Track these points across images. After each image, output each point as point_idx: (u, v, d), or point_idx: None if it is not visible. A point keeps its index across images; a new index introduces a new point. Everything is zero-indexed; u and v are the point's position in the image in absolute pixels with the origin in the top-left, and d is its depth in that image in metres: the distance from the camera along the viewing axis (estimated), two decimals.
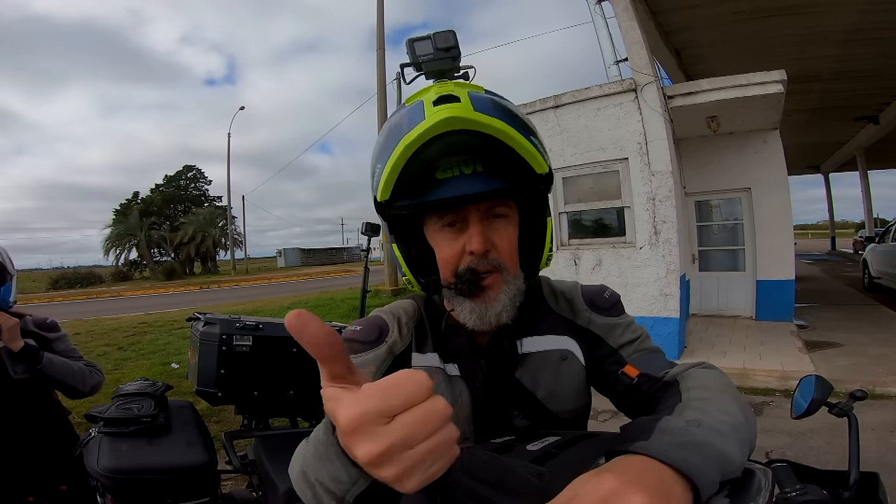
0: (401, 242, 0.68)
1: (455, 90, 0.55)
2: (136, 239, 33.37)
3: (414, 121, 0.54)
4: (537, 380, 0.67)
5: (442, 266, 0.65)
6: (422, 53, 0.63)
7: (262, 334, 1.62)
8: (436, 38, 0.63)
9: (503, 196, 0.62)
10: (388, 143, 0.57)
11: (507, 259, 0.63)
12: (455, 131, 0.53)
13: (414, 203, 0.60)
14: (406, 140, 0.54)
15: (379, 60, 10.41)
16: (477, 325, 0.63)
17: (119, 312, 10.81)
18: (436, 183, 0.59)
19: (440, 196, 0.59)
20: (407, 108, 0.58)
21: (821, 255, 19.11)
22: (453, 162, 0.59)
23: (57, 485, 1.50)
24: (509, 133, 0.54)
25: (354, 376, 0.36)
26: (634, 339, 0.70)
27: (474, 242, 0.60)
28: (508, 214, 0.64)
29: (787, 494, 0.51)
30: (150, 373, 4.65)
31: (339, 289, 13.79)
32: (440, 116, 0.52)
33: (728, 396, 0.52)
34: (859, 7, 5.54)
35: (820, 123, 10.47)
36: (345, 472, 0.41)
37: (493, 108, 0.55)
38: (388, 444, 0.31)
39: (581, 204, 5.24)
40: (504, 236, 0.63)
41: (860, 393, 0.73)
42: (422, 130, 0.53)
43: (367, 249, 2.92)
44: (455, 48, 0.63)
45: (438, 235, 0.64)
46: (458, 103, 0.53)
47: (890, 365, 4.05)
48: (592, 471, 0.37)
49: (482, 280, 0.62)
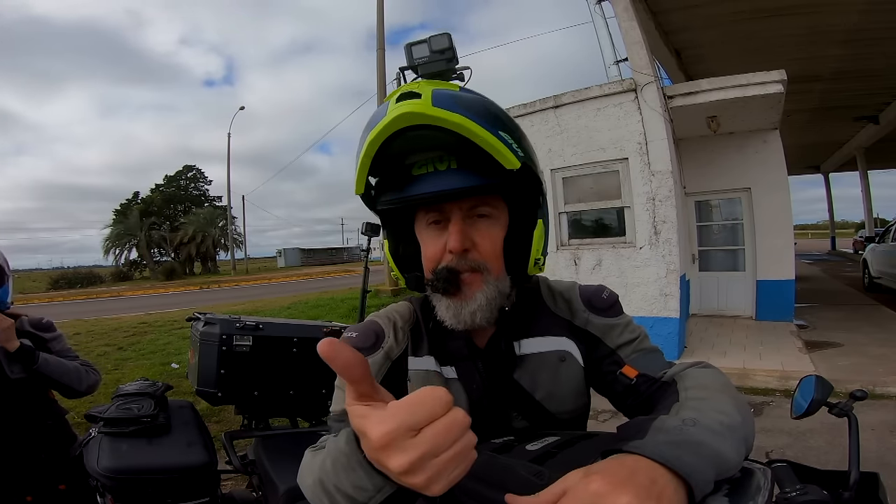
0: (392, 238, 0.70)
1: (419, 88, 0.56)
2: (136, 239, 33.37)
3: (378, 117, 0.56)
4: (536, 381, 0.67)
5: (425, 263, 0.66)
6: (418, 57, 0.64)
7: (262, 334, 1.62)
8: (431, 42, 0.64)
9: (484, 193, 0.62)
10: (361, 139, 0.59)
11: (488, 259, 0.63)
12: (420, 127, 0.54)
13: (395, 199, 0.62)
14: (370, 136, 0.56)
15: (379, 60, 10.41)
16: (454, 324, 0.64)
17: (119, 312, 10.81)
18: (412, 179, 0.61)
19: (417, 192, 0.60)
20: (378, 108, 0.60)
21: (821, 255, 19.11)
22: (428, 158, 0.60)
23: (55, 484, 1.50)
24: (467, 127, 0.54)
25: (379, 394, 0.39)
26: (633, 340, 0.70)
27: (452, 241, 0.61)
28: (493, 214, 0.64)
29: (787, 494, 0.51)
30: (150, 373, 4.65)
31: (339, 289, 13.79)
32: (397, 112, 0.54)
33: (725, 396, 0.53)
34: (860, 7, 5.54)
35: (820, 123, 10.47)
36: (369, 481, 0.43)
37: (455, 103, 0.55)
38: (419, 455, 0.34)
39: (581, 204, 5.24)
40: (486, 236, 0.63)
41: (860, 393, 0.73)
42: (381, 126, 0.55)
43: (368, 249, 2.92)
44: (450, 50, 0.64)
45: (425, 233, 0.65)
46: (418, 100, 0.54)
47: (890, 365, 4.05)
48: (584, 468, 0.38)
49: (462, 278, 0.62)
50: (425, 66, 0.64)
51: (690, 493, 0.38)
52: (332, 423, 0.68)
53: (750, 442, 0.49)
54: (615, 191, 4.96)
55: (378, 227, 2.37)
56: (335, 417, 0.68)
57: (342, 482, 0.45)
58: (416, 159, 0.61)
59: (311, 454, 0.57)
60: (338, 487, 0.46)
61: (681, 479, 0.37)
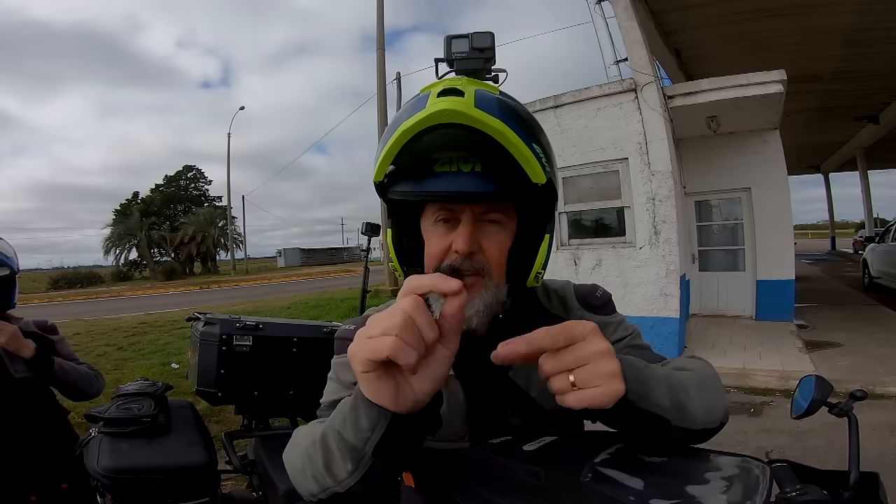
0: (396, 228, 0.68)
1: (463, 85, 0.55)
2: (137, 239, 33.37)
3: (416, 108, 0.55)
4: (530, 378, 0.67)
5: (427, 260, 0.65)
6: (457, 51, 0.63)
7: (262, 334, 1.62)
8: (473, 38, 0.63)
9: (500, 199, 0.62)
10: (392, 126, 0.58)
11: (492, 265, 0.62)
12: (455, 126, 0.53)
13: (412, 191, 0.61)
14: (404, 126, 0.54)
15: (379, 60, 10.42)
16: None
17: (119, 312, 10.81)
18: (434, 175, 0.59)
19: (437, 188, 0.59)
20: (416, 98, 0.59)
21: (821, 255, 19.11)
22: (453, 157, 0.59)
23: (58, 484, 1.50)
24: (506, 134, 0.54)
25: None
26: (625, 337, 0.71)
27: (460, 242, 0.60)
28: (503, 222, 0.63)
29: (787, 494, 0.51)
30: (150, 373, 4.65)
31: (339, 289, 13.80)
32: (438, 107, 0.52)
33: (693, 374, 0.58)
34: (859, 7, 5.54)
35: (820, 123, 10.47)
36: (366, 417, 0.47)
37: (498, 108, 0.54)
38: (380, 331, 0.43)
39: (581, 204, 5.24)
40: (494, 242, 0.63)
41: (860, 393, 0.72)
42: (419, 119, 0.53)
43: (368, 249, 2.92)
44: (490, 50, 0.63)
45: (432, 230, 0.64)
46: (461, 98, 0.53)
47: (890, 365, 4.05)
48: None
49: (462, 279, 0.61)
50: (462, 62, 0.62)
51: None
52: (320, 412, 0.69)
53: (691, 412, 0.53)
54: (615, 191, 4.96)
55: (378, 227, 2.37)
56: (324, 406, 0.69)
57: (344, 428, 0.49)
58: (440, 156, 0.59)
59: (302, 429, 0.60)
60: (339, 433, 0.49)
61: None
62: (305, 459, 0.54)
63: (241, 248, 37.50)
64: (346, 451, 0.49)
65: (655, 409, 0.50)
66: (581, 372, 0.44)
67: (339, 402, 0.67)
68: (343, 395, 0.66)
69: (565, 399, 0.45)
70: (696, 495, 0.46)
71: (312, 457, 0.53)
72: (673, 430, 0.51)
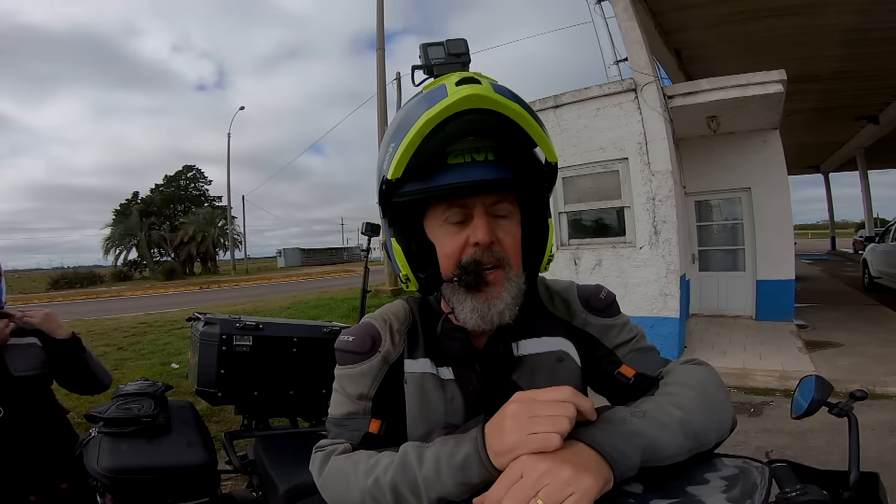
0: (400, 236, 0.66)
1: (476, 76, 0.58)
2: (136, 239, 33.35)
3: (436, 99, 0.56)
4: (534, 381, 0.67)
5: (443, 261, 0.64)
6: (434, 57, 0.65)
7: (262, 334, 1.62)
8: (448, 45, 0.65)
9: (513, 186, 0.63)
10: (406, 122, 0.58)
11: (510, 255, 0.63)
12: (476, 112, 0.55)
13: (423, 188, 0.60)
14: (427, 115, 0.55)
15: (379, 60, 10.41)
16: (478, 325, 0.62)
17: (119, 312, 10.80)
18: (447, 168, 0.60)
19: (450, 181, 0.59)
20: (426, 92, 0.60)
21: (821, 255, 19.10)
22: (465, 148, 0.60)
23: (57, 484, 1.49)
24: (526, 117, 0.57)
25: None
26: (630, 339, 0.70)
27: (480, 233, 0.60)
28: (511, 213, 0.64)
29: (787, 494, 0.51)
30: (150, 373, 4.65)
31: (339, 289, 13.79)
32: (464, 93, 0.54)
33: (694, 392, 0.56)
34: (859, 7, 5.53)
35: (820, 123, 10.47)
36: (479, 477, 0.49)
37: (511, 94, 0.58)
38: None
39: (581, 204, 5.24)
40: (508, 232, 0.63)
41: (860, 393, 0.72)
42: (444, 106, 0.54)
43: (367, 249, 2.91)
44: (466, 55, 0.65)
45: (441, 230, 0.64)
46: (480, 85, 0.56)
47: (890, 365, 4.05)
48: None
49: (486, 274, 0.61)
50: (441, 67, 0.64)
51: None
52: (331, 426, 0.68)
53: (706, 436, 0.52)
54: (615, 191, 4.96)
55: (378, 227, 2.37)
56: (335, 421, 0.68)
57: (445, 481, 0.50)
58: (454, 147, 0.60)
59: (347, 463, 0.60)
60: (430, 486, 0.51)
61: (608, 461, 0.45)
62: (367, 497, 0.55)
63: (240, 248, 37.54)
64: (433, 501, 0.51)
65: (670, 460, 0.49)
66: (546, 492, 0.42)
67: (350, 414, 0.67)
68: (351, 408, 0.67)
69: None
70: (696, 495, 0.46)
71: (378, 498, 0.54)
72: (691, 458, 0.52)
